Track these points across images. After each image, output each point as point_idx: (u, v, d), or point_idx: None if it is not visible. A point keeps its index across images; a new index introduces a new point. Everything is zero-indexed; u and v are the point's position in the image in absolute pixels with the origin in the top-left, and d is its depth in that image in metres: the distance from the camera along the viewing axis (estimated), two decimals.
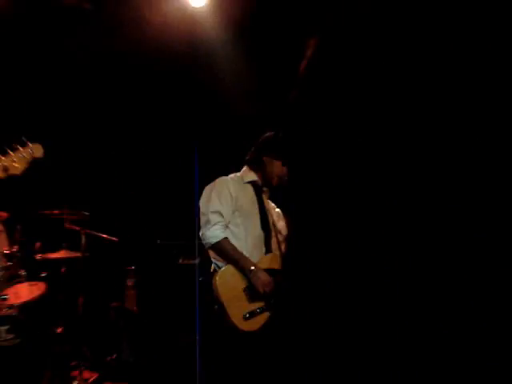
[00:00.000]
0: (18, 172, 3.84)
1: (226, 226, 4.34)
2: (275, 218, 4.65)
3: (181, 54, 6.99)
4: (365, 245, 5.43)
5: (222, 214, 4.30)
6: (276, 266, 4.38)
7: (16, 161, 3.83)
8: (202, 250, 4.51)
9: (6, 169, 3.79)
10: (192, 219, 4.92)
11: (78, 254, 6.48)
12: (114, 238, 6.78)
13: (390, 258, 5.24)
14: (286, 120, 5.85)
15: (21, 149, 3.88)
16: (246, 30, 6.87)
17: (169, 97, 7.51)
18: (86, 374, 6.16)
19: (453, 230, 4.77)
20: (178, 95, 7.17)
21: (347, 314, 5.40)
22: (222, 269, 4.21)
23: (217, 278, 4.15)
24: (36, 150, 3.93)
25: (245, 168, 4.64)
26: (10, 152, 3.85)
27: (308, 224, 5.30)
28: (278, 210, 4.76)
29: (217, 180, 4.50)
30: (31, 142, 3.95)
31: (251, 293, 4.17)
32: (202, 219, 4.36)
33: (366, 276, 5.39)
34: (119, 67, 7.49)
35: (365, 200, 5.57)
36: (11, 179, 3.86)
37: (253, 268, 4.17)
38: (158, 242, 7.07)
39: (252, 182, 4.54)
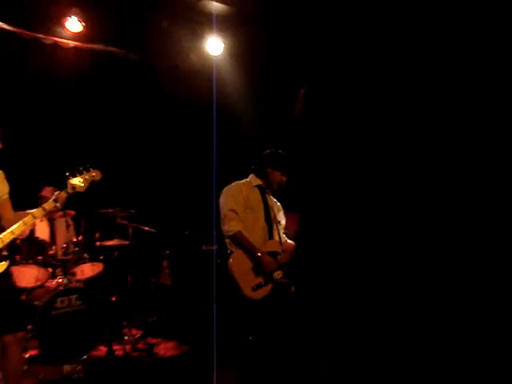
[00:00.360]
0: (82, 190, 4.00)
1: (240, 219, 4.43)
2: (276, 210, 4.72)
3: (203, 89, 7.28)
4: (368, 244, 4.88)
5: (236, 212, 4.41)
6: (276, 249, 4.49)
7: (82, 181, 3.99)
8: (219, 238, 4.62)
9: (73, 187, 3.95)
10: (211, 215, 5.23)
11: (127, 242, 6.54)
12: (153, 230, 6.77)
13: (392, 258, 4.68)
14: (286, 138, 5.81)
15: (85, 172, 4.03)
16: (253, 71, 7.12)
17: (194, 122, 7.73)
18: (134, 331, 6.34)
19: (461, 232, 4.16)
20: (201, 121, 7.19)
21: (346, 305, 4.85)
22: (234, 253, 4.34)
23: (230, 260, 4.30)
24: (96, 174, 4.09)
25: (252, 175, 4.71)
26: (78, 175, 4.00)
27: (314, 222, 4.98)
28: (278, 204, 4.82)
29: (232, 184, 4.61)
30: (93, 168, 4.09)
31: (257, 270, 4.32)
32: (222, 215, 4.47)
33: (369, 273, 4.82)
34: (155, 100, 7.79)
35: (368, 201, 5.01)
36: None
37: (259, 254, 4.32)
38: (186, 232, 7.22)
39: (258, 186, 4.65)
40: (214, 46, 7.07)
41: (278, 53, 6.65)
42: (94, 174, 4.06)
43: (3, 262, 3.71)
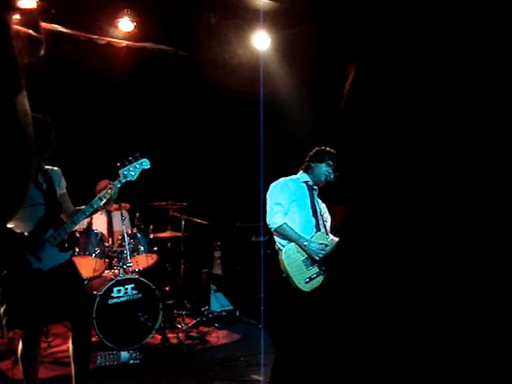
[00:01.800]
0: (133, 179, 4.07)
1: (285, 214, 4.47)
2: (322, 209, 4.77)
3: (250, 84, 7.34)
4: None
5: (282, 205, 4.48)
6: (324, 241, 4.51)
7: (132, 170, 4.06)
8: (269, 230, 4.63)
9: (125, 176, 4.02)
10: (259, 207, 5.28)
11: (180, 234, 6.73)
12: (205, 222, 6.91)
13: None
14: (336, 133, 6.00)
15: (135, 162, 4.09)
16: (300, 66, 7.11)
17: (242, 116, 7.81)
18: (187, 320, 6.52)
19: None
20: (249, 115, 7.30)
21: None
22: (286, 247, 4.38)
23: (282, 255, 4.35)
24: (145, 163, 4.13)
25: (300, 172, 4.75)
26: (128, 164, 4.07)
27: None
28: (324, 205, 4.84)
29: (280, 180, 4.66)
30: (142, 157, 4.14)
31: (308, 262, 4.37)
32: (268, 209, 4.53)
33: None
34: (204, 96, 7.89)
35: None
36: (128, 182, 4.09)
37: (306, 243, 4.37)
38: (237, 224, 7.37)
39: (306, 182, 4.68)
40: (261, 41, 7.13)
41: (326, 46, 6.61)
42: (143, 162, 4.12)
43: (69, 251, 3.90)
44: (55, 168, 4.06)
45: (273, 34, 7.09)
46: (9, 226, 3.70)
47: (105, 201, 3.97)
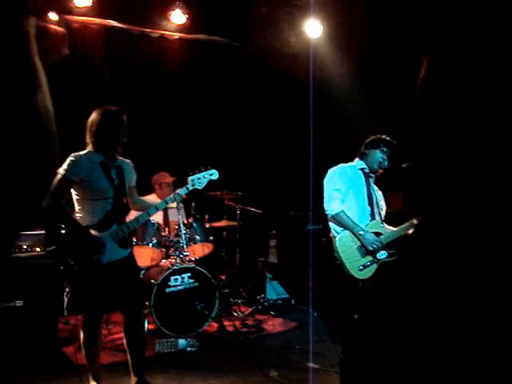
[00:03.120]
0: (200, 187, 4.14)
1: (343, 201, 4.43)
2: (378, 197, 4.70)
3: (303, 72, 7.28)
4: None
5: (340, 192, 4.43)
6: (379, 230, 4.46)
7: (200, 179, 4.10)
8: (324, 218, 4.59)
9: (193, 184, 4.08)
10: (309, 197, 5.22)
11: (235, 223, 6.77)
12: (260, 211, 6.95)
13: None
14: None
15: (205, 171, 4.13)
16: (352, 53, 7.02)
17: (293, 107, 7.81)
18: (243, 308, 6.59)
19: None
20: (300, 106, 7.28)
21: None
22: (340, 234, 4.37)
23: (337, 241, 4.35)
24: (214, 174, 4.17)
25: (357, 159, 4.67)
26: (198, 172, 4.11)
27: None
28: (380, 192, 4.77)
29: (339, 165, 4.60)
30: (212, 168, 4.16)
31: (362, 250, 4.34)
32: (326, 195, 4.48)
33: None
34: (257, 85, 7.94)
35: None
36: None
37: (362, 232, 4.33)
38: (292, 213, 7.31)
39: (362, 169, 4.60)
40: (313, 28, 7.05)
41: (379, 34, 6.52)
42: (211, 173, 4.16)
43: (130, 248, 3.98)
44: (126, 160, 4.12)
45: (325, 22, 7.00)
46: (76, 216, 3.82)
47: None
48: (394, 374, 4.17)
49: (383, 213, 4.75)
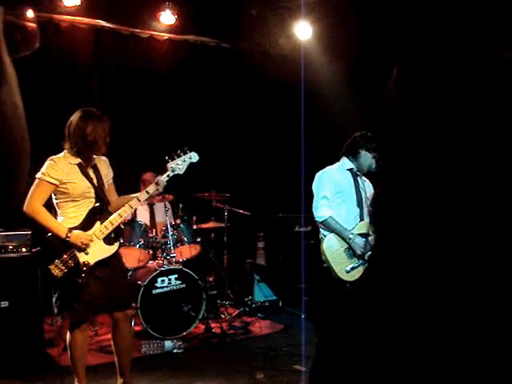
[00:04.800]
0: (181, 172, 4.11)
1: (331, 206, 4.45)
2: (367, 190, 4.67)
3: (292, 73, 7.28)
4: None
5: (328, 198, 4.46)
6: (367, 230, 4.47)
7: (180, 164, 4.08)
8: (312, 221, 4.66)
9: (173, 170, 4.05)
10: (300, 199, 5.20)
11: (223, 225, 6.71)
12: (247, 213, 6.89)
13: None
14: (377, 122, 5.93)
15: (183, 155, 4.12)
16: (342, 54, 7.01)
17: (285, 106, 7.79)
18: (230, 310, 6.56)
19: None
20: (290, 107, 7.32)
21: None
22: (326, 237, 4.40)
23: (324, 244, 4.38)
24: (193, 156, 4.16)
25: (343, 158, 4.65)
26: (176, 157, 4.10)
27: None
28: (370, 184, 4.74)
29: (325, 169, 4.62)
30: (190, 150, 4.16)
31: (350, 253, 4.38)
32: (314, 201, 4.53)
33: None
34: (246, 86, 7.90)
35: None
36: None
37: (351, 236, 4.36)
38: (280, 215, 7.32)
39: (350, 169, 4.60)
40: (303, 30, 7.07)
41: (368, 36, 6.54)
42: (191, 156, 4.14)
43: (116, 244, 3.96)
44: (102, 158, 4.10)
45: (314, 24, 7.02)
46: (58, 219, 3.80)
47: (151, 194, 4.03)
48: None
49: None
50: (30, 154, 0.92)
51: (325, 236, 4.43)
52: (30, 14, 0.92)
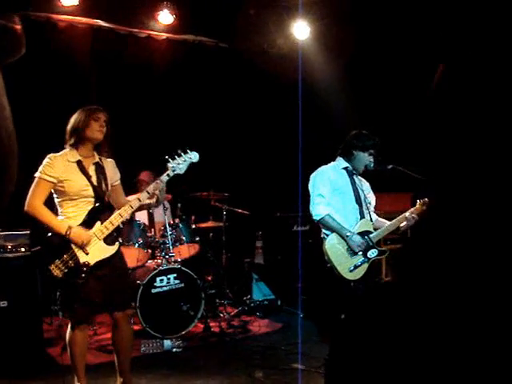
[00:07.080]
0: (181, 172, 4.04)
1: (328, 204, 4.40)
2: (365, 191, 4.67)
3: (290, 73, 7.30)
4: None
5: (324, 196, 4.41)
6: (368, 228, 4.46)
7: (180, 163, 4.02)
8: (311, 220, 4.55)
9: (173, 170, 3.99)
10: (298, 198, 5.19)
11: (221, 224, 6.73)
12: (246, 212, 6.94)
13: None
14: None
15: (184, 155, 4.05)
16: (339, 54, 7.06)
17: (280, 108, 7.83)
18: (229, 309, 6.56)
19: None
20: (287, 106, 7.32)
21: None
22: (328, 237, 4.36)
23: (325, 244, 4.34)
24: (194, 156, 4.08)
25: (339, 158, 4.63)
26: (177, 157, 4.04)
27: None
28: (367, 184, 4.76)
29: (320, 168, 4.57)
30: (191, 150, 4.09)
31: (352, 251, 4.34)
32: (310, 200, 4.48)
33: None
34: (244, 86, 7.91)
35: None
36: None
37: (349, 234, 4.31)
38: (278, 214, 7.32)
39: (345, 168, 4.56)
40: (301, 30, 7.06)
41: (365, 35, 6.57)
42: (191, 155, 4.10)
43: (117, 243, 3.95)
44: (108, 159, 4.09)
45: (312, 23, 7.02)
46: (58, 219, 3.79)
47: (152, 194, 4.03)
48: (380, 376, 4.16)
49: (372, 205, 4.74)
50: (18, 153, 0.93)
51: (327, 236, 4.41)
52: (17, 20, 0.93)
